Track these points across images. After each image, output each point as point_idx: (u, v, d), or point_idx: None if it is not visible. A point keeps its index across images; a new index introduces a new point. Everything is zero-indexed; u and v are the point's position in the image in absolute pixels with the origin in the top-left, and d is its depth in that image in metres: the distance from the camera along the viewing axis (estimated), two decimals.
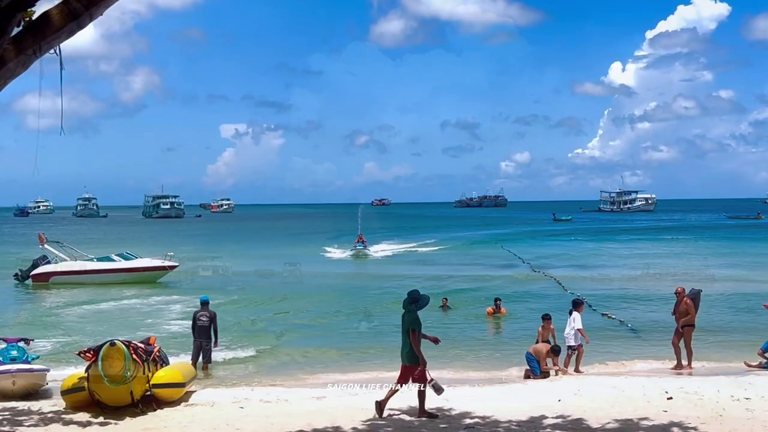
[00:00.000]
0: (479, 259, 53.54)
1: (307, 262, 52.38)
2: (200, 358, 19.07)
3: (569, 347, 17.70)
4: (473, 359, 20.58)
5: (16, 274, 40.51)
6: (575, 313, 17.76)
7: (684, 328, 18.04)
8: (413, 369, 12.77)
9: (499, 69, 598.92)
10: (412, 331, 12.78)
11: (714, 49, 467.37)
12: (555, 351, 17.26)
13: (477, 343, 22.99)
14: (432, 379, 12.82)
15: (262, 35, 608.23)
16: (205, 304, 19.59)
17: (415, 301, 12.97)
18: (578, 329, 17.56)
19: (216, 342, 19.42)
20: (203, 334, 19.18)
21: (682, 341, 18.14)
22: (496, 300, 27.79)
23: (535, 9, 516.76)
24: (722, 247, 62.21)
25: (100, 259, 41.12)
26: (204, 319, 19.19)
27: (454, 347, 21.83)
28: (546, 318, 18.25)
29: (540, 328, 18.13)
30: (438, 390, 12.76)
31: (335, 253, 61.36)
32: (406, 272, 44.37)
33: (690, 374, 17.39)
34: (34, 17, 7.83)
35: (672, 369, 18.04)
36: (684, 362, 18.14)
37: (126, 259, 41.14)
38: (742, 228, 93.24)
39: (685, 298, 18.25)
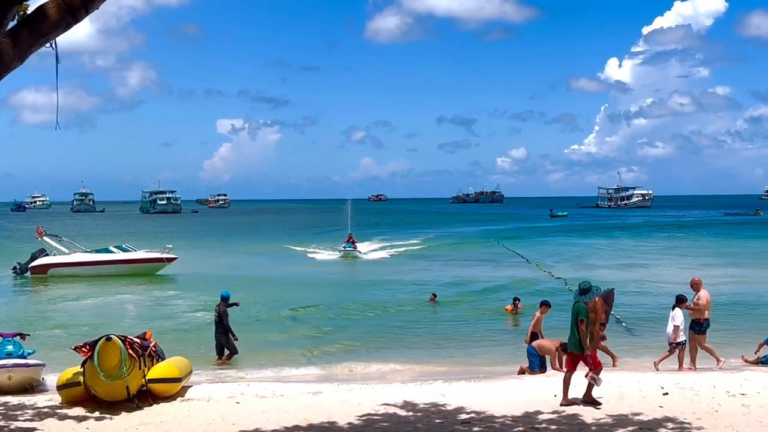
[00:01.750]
0: (481, 257, 52.18)
1: (289, 264, 50.32)
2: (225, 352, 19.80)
3: (671, 344, 17.19)
4: (479, 355, 20.61)
5: (15, 267, 40.54)
6: (677, 309, 17.14)
7: (598, 327, 17.90)
8: (580, 356, 13.04)
9: (494, 65, 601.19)
10: (581, 321, 13.01)
11: (710, 46, 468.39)
12: (565, 349, 17.10)
13: (488, 340, 23.05)
14: (599, 369, 13.02)
15: (258, 31, 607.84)
16: (222, 299, 19.90)
17: (585, 292, 13.21)
18: (675, 326, 16.96)
19: (233, 336, 19.84)
20: (217, 329, 19.72)
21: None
22: (515, 300, 27.66)
23: (529, 6, 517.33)
24: (721, 244, 61.84)
25: (98, 251, 41.19)
26: (215, 314, 19.73)
27: (463, 344, 22.32)
28: (546, 304, 18.09)
29: (538, 313, 17.90)
30: (597, 381, 12.95)
31: (322, 254, 56.93)
32: (398, 277, 41.02)
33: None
34: (30, 11, 7.81)
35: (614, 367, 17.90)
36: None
37: (124, 251, 41.24)
38: (740, 225, 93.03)
39: (596, 297, 18.11)
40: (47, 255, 40.40)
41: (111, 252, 41.07)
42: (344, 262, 52.56)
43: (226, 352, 19.76)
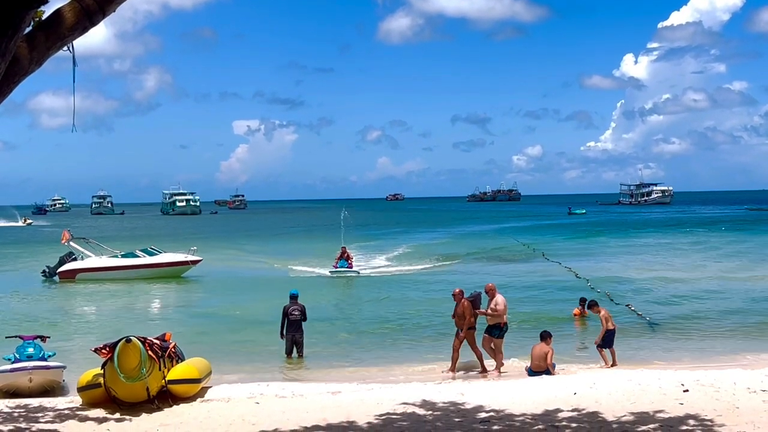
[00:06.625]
0: (526, 261, 47.25)
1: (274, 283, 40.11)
2: (294, 351, 19.94)
3: None
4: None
5: (44, 271, 40.95)
6: None
7: (467, 331, 17.67)
8: None
9: (506, 64, 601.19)
10: None
11: (725, 41, 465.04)
12: (543, 337, 17.10)
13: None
14: None
15: (271, 34, 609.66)
16: (294, 297, 20.10)
17: None
18: None
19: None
20: (296, 328, 19.87)
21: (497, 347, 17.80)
22: (581, 301, 24.89)
23: (540, 5, 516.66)
24: (749, 240, 60.77)
25: (125, 255, 41.59)
26: (296, 313, 19.85)
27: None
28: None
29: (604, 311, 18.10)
30: None
31: (301, 269, 44.27)
32: (428, 277, 39.54)
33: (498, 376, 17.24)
34: (45, 16, 7.84)
35: (447, 371, 17.82)
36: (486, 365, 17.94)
37: (150, 254, 41.68)
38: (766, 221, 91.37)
39: (463, 300, 17.84)
40: (75, 259, 40.80)
41: (137, 256, 41.46)
42: (329, 283, 38.70)
43: (295, 352, 19.97)
